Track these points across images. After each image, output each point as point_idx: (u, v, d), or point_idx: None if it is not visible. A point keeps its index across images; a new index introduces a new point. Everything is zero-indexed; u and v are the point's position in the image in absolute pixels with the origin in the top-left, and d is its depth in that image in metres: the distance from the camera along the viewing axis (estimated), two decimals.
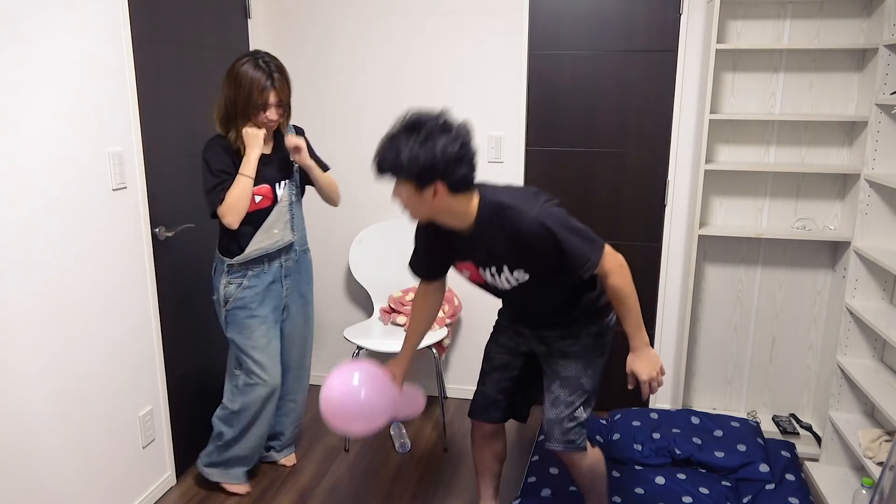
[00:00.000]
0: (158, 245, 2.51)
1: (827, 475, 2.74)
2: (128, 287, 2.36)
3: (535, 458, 2.73)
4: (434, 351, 2.96)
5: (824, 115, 2.76)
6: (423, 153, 1.64)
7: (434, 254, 2.00)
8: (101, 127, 2.20)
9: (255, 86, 2.21)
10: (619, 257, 1.83)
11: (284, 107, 2.31)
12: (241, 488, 2.61)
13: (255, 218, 2.34)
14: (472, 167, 1.73)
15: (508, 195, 1.79)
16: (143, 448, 2.50)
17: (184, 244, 2.67)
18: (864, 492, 2.39)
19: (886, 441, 2.45)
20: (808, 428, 3.04)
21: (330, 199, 2.56)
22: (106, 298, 2.26)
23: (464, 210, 1.78)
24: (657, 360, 1.90)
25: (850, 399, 2.75)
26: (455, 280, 3.26)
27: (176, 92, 2.60)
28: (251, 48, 3.13)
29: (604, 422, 2.94)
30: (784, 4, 2.80)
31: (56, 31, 2.00)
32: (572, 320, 2.02)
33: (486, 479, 2.28)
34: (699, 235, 2.88)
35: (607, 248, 1.81)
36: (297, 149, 2.34)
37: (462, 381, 3.45)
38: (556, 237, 1.73)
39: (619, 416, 2.96)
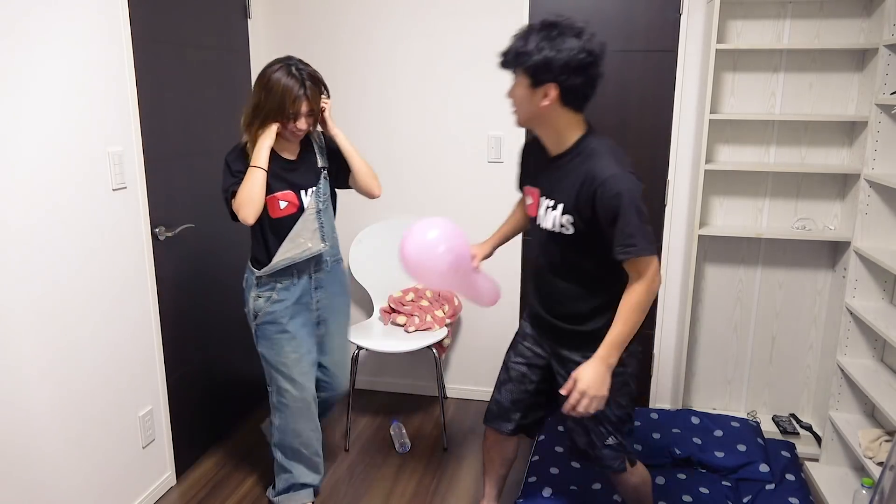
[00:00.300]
0: (158, 245, 2.51)
1: (827, 475, 2.74)
2: (128, 287, 2.36)
3: (535, 458, 2.73)
4: (434, 351, 2.96)
5: (824, 115, 2.76)
6: (549, 48, 1.65)
7: (526, 170, 2.02)
8: (101, 127, 2.20)
9: (288, 95, 2.11)
10: (659, 276, 1.77)
11: (315, 115, 2.21)
12: None
13: (282, 226, 2.24)
14: (590, 85, 1.72)
15: (608, 148, 1.76)
16: (143, 448, 2.50)
17: (184, 244, 2.67)
18: (864, 492, 2.39)
19: (886, 441, 2.45)
20: (808, 428, 3.04)
21: (368, 187, 2.37)
22: (106, 298, 2.26)
23: (564, 130, 1.78)
24: (604, 388, 1.77)
25: (850, 399, 2.75)
26: None
27: (176, 92, 2.60)
28: (251, 48, 3.13)
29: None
30: (784, 4, 2.80)
31: (56, 31, 2.00)
32: (590, 337, 1.89)
33: (492, 481, 2.28)
34: (699, 235, 2.88)
35: (655, 259, 1.74)
36: (324, 121, 2.28)
37: (462, 381, 3.45)
38: (619, 203, 1.68)
39: None
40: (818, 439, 2.94)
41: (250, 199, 2.13)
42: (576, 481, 2.59)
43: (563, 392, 1.80)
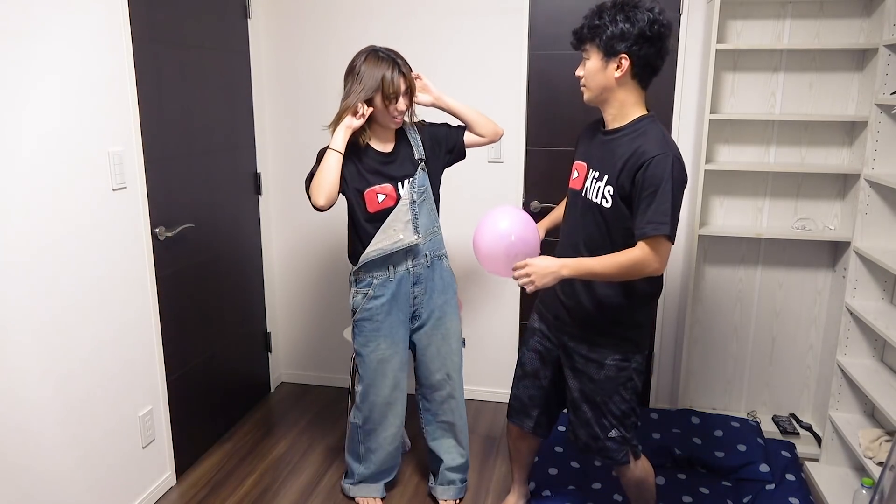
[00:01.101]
0: (158, 245, 2.51)
1: (827, 475, 2.74)
2: (128, 287, 2.36)
3: (536, 458, 2.73)
4: None
5: (824, 115, 2.76)
6: (623, 20, 1.75)
7: (579, 149, 2.08)
8: (101, 127, 2.20)
9: (385, 76, 2.11)
10: (665, 266, 1.81)
11: (412, 93, 2.20)
12: (373, 502, 2.56)
13: (381, 220, 2.22)
14: (660, 56, 1.81)
15: (662, 132, 1.83)
16: (143, 448, 2.50)
17: (184, 244, 2.67)
18: (864, 492, 2.39)
19: (886, 441, 2.45)
20: (808, 428, 3.04)
21: (491, 131, 2.35)
22: (106, 298, 2.26)
23: (628, 106, 1.85)
24: (544, 280, 1.82)
25: (850, 399, 2.75)
26: (460, 282, 3.26)
27: (176, 92, 2.60)
28: (251, 48, 3.13)
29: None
30: (784, 4, 2.80)
31: (56, 31, 2.00)
32: (597, 328, 1.97)
33: (520, 468, 2.42)
34: (699, 235, 2.88)
35: (670, 247, 1.79)
36: (424, 87, 2.27)
37: (469, 380, 3.44)
38: (662, 181, 1.73)
39: None
40: (818, 439, 2.94)
41: (321, 180, 2.12)
42: (575, 481, 2.59)
43: (513, 272, 1.87)
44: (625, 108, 1.86)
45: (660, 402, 3.26)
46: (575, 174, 2.03)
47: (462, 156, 2.41)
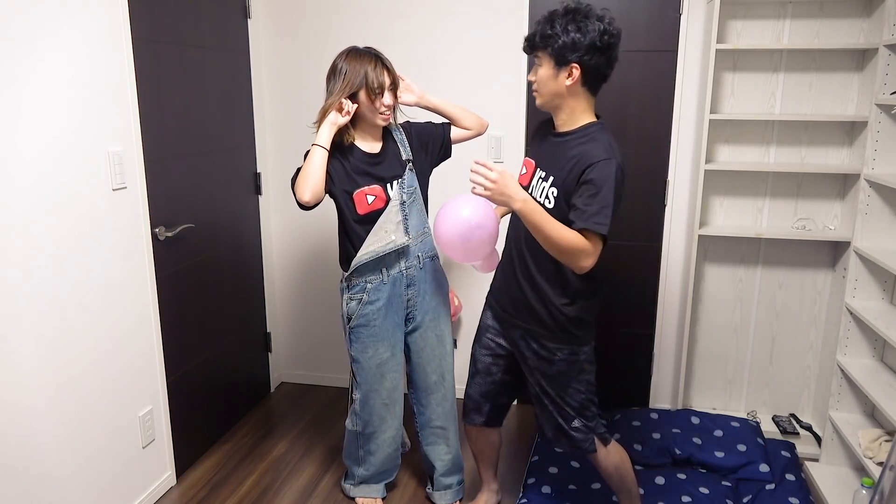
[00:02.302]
0: (158, 245, 2.51)
1: (827, 475, 2.74)
2: (128, 287, 2.36)
3: (535, 458, 2.73)
4: None
5: (824, 115, 2.76)
6: (574, 30, 1.79)
7: (531, 145, 2.16)
8: (101, 127, 2.20)
9: (368, 70, 2.11)
10: (594, 263, 1.81)
11: (396, 86, 2.18)
12: (373, 503, 2.57)
13: (371, 222, 2.21)
14: (609, 65, 1.86)
15: (608, 139, 1.87)
16: (143, 448, 2.50)
17: (184, 244, 2.67)
18: (864, 492, 2.39)
19: (886, 441, 2.45)
20: (808, 428, 3.04)
21: (475, 125, 2.36)
22: (106, 298, 2.26)
23: (579, 110, 1.91)
24: (500, 198, 1.80)
25: (850, 399, 2.75)
26: (456, 282, 3.26)
27: (176, 92, 2.60)
28: (251, 48, 3.13)
29: (604, 422, 2.94)
30: (784, 4, 2.80)
31: (56, 31, 2.00)
32: (542, 324, 2.01)
33: (486, 467, 2.46)
34: (699, 235, 2.88)
35: (600, 245, 1.80)
36: (407, 87, 2.27)
37: (461, 379, 3.44)
38: (604, 183, 1.77)
39: (618, 416, 2.96)
40: (818, 439, 2.94)
41: (306, 176, 2.10)
42: (575, 481, 2.59)
43: (478, 169, 1.81)
44: (575, 114, 1.91)
45: (660, 402, 3.26)
46: (523, 170, 2.06)
47: (448, 154, 2.41)
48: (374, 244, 2.21)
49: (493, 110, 3.09)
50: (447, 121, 2.38)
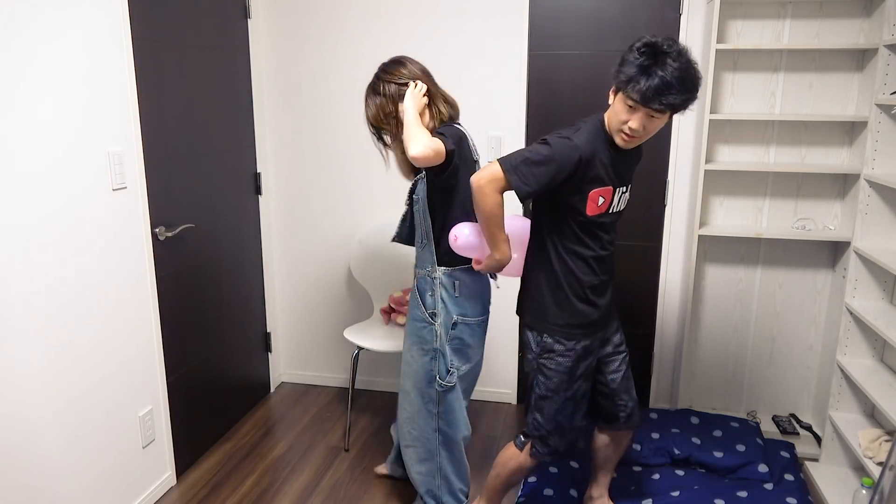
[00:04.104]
0: (158, 245, 2.51)
1: (827, 475, 2.74)
2: (128, 287, 2.36)
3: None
4: None
5: (824, 115, 2.76)
6: (693, 88, 1.78)
7: (591, 179, 2.07)
8: (101, 127, 2.20)
9: (422, 68, 2.24)
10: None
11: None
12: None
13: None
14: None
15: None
16: (143, 448, 2.50)
17: (184, 244, 2.68)
18: (864, 492, 2.39)
19: (886, 441, 2.45)
20: (808, 428, 3.04)
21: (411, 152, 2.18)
22: (106, 298, 2.26)
23: None
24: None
25: (850, 399, 2.75)
26: None
27: (176, 92, 2.60)
28: (251, 48, 3.13)
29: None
30: (784, 4, 2.80)
31: (56, 31, 2.00)
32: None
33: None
34: (699, 235, 2.88)
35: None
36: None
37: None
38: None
39: None
40: (818, 439, 2.94)
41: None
42: (575, 481, 2.59)
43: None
44: None
45: (659, 401, 3.26)
46: (601, 200, 1.95)
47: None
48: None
49: (493, 110, 3.10)
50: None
